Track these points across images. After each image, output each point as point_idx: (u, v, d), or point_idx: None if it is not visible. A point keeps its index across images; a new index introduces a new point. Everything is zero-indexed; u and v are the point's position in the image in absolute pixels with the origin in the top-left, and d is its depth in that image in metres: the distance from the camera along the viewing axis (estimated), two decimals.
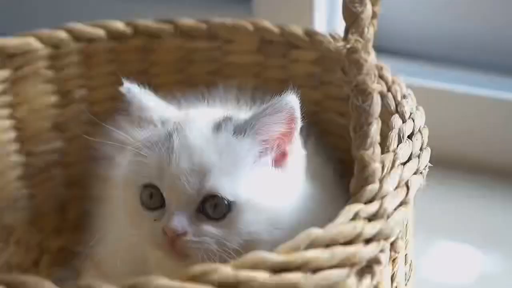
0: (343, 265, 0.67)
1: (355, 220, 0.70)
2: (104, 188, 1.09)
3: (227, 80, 1.13)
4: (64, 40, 1.13)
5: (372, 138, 0.74)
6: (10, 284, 0.62)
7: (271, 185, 0.84)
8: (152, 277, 0.62)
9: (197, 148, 0.81)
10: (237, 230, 0.81)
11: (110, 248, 1.00)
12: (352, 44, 0.73)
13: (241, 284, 0.62)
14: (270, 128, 0.83)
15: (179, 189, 0.80)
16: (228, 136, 0.83)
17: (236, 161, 0.82)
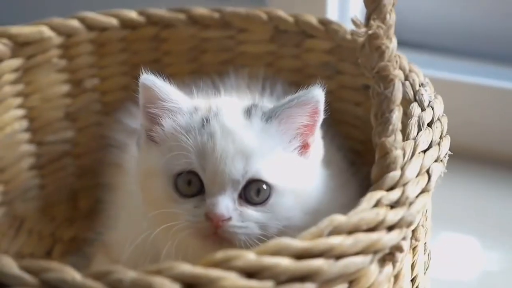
0: (366, 252, 0.66)
1: (377, 207, 0.69)
2: (115, 175, 1.09)
3: (240, 70, 1.12)
4: (77, 29, 1.13)
5: (394, 125, 0.74)
6: (31, 270, 0.61)
7: (300, 172, 0.85)
8: (176, 263, 0.61)
9: (237, 133, 0.82)
10: (278, 214, 0.82)
11: (121, 234, 0.99)
12: (374, 30, 0.73)
13: (264, 270, 0.62)
14: (295, 119, 0.85)
15: (224, 173, 0.80)
16: (258, 122, 0.84)
17: (271, 146, 0.83)
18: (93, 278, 0.60)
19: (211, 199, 0.81)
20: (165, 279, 0.60)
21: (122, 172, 1.06)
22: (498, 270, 1.13)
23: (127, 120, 1.12)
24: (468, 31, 1.43)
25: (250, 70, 1.12)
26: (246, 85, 1.08)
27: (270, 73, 1.15)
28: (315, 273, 0.63)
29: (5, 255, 0.63)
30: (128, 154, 1.05)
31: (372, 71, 0.74)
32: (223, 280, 0.60)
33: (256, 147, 0.82)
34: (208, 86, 1.06)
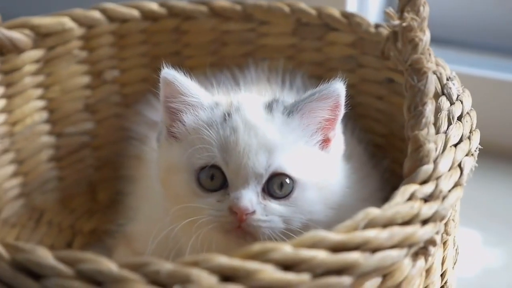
0: (401, 245, 0.66)
1: (411, 200, 0.69)
2: (136, 167, 1.09)
3: (260, 62, 1.12)
4: (98, 20, 1.12)
5: (427, 118, 0.74)
6: (66, 260, 0.61)
7: (322, 166, 0.85)
8: (213, 255, 0.61)
9: (260, 126, 0.82)
10: (301, 208, 0.82)
11: (142, 226, 0.99)
12: (408, 22, 0.72)
13: (301, 262, 0.61)
14: (316, 113, 0.85)
15: (247, 167, 0.80)
16: (280, 116, 0.84)
17: (294, 140, 0.83)
18: (130, 269, 0.60)
19: (234, 193, 0.80)
20: (202, 271, 0.60)
21: (143, 164, 1.05)
22: (501, 265, 1.12)
23: (147, 112, 1.12)
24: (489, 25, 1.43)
25: (270, 63, 1.12)
26: (266, 78, 1.08)
27: (291, 66, 1.15)
28: (351, 266, 0.62)
29: (40, 246, 0.62)
30: (148, 146, 1.04)
31: (405, 63, 0.74)
32: (260, 272, 0.60)
33: (278, 141, 0.82)
34: (228, 79, 1.06)
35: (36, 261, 0.61)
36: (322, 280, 0.61)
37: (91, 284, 0.59)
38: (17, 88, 1.10)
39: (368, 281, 0.66)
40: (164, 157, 0.88)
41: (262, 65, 1.10)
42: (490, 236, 1.17)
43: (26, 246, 0.62)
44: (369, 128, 1.12)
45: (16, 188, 1.15)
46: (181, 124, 0.86)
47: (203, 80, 1.07)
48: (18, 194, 1.16)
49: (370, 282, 0.67)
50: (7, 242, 0.63)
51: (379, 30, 1.04)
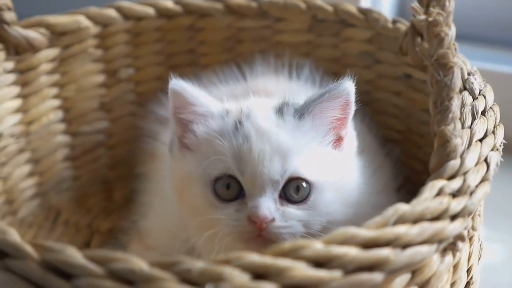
0: (431, 241, 0.65)
1: (440, 196, 0.69)
2: (148, 163, 1.08)
3: (276, 60, 1.12)
4: (113, 18, 1.12)
5: (454, 113, 0.73)
6: (97, 260, 0.61)
7: (337, 165, 0.84)
8: (244, 253, 0.61)
9: (272, 132, 0.81)
10: (319, 211, 0.81)
11: (155, 221, 0.99)
12: (433, 17, 0.72)
13: (333, 259, 0.61)
14: (327, 113, 0.84)
15: (263, 175, 0.79)
16: (291, 119, 0.83)
17: (307, 142, 0.82)
18: (161, 268, 0.60)
19: (252, 202, 0.80)
20: (234, 269, 0.59)
21: (155, 160, 1.05)
22: (503, 260, 1.12)
23: (161, 111, 1.11)
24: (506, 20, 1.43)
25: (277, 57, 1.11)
26: (272, 70, 1.08)
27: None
28: (383, 262, 0.62)
29: (69, 245, 0.62)
30: (160, 142, 1.04)
31: (431, 58, 0.73)
32: (292, 269, 0.60)
33: (292, 145, 0.81)
34: (235, 73, 1.07)
35: (66, 261, 0.60)
36: (353, 276, 0.61)
37: (122, 284, 0.59)
38: (33, 87, 1.10)
39: (398, 277, 0.66)
40: (178, 168, 0.87)
41: (268, 58, 1.10)
42: (492, 231, 1.16)
43: (56, 245, 0.62)
44: (386, 124, 1.11)
45: (32, 188, 1.15)
46: (192, 135, 0.85)
47: (211, 75, 1.07)
48: (34, 194, 1.16)
49: (400, 279, 0.66)
50: (36, 242, 0.63)
51: (397, 25, 1.04)
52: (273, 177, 0.79)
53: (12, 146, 1.10)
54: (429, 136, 1.01)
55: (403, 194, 0.98)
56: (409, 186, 1.10)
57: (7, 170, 1.10)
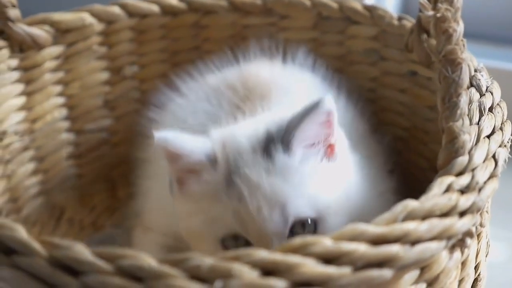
0: (440, 238, 0.65)
1: (448, 192, 0.68)
2: (146, 147, 1.07)
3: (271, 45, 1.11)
4: (118, 16, 1.12)
5: (462, 109, 0.73)
6: (105, 257, 0.60)
7: (335, 179, 0.82)
8: (254, 250, 0.60)
9: (264, 185, 0.78)
10: (330, 231, 0.76)
11: (153, 203, 1.00)
12: (442, 13, 0.71)
13: (342, 255, 0.61)
14: (311, 132, 0.80)
15: (266, 231, 0.77)
16: (280, 157, 0.79)
17: (300, 177, 0.79)
18: (170, 264, 0.59)
19: None
20: (244, 265, 0.59)
21: (151, 144, 1.04)
22: (505, 259, 1.12)
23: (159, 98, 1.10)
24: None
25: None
26: (267, 54, 1.07)
27: None
28: (392, 258, 0.62)
29: (77, 242, 0.62)
30: (157, 125, 1.03)
31: (439, 54, 0.73)
32: (302, 266, 0.60)
33: (287, 189, 0.78)
34: (229, 59, 1.06)
35: (75, 258, 0.60)
36: (363, 273, 0.61)
37: (131, 280, 0.59)
38: (37, 85, 1.10)
39: (407, 274, 0.66)
40: (181, 214, 0.85)
41: (262, 42, 1.09)
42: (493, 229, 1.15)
43: (64, 242, 0.62)
44: (391, 121, 1.11)
45: (36, 186, 1.15)
46: (189, 183, 0.82)
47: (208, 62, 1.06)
48: (38, 192, 1.15)
49: (408, 275, 0.66)
50: (44, 239, 0.62)
51: (403, 22, 1.04)
52: (277, 231, 0.77)
53: (16, 144, 1.09)
54: (435, 133, 1.02)
55: (395, 176, 0.97)
56: (415, 184, 1.10)
57: (11, 168, 1.09)
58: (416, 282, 0.68)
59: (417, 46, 0.98)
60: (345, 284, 0.60)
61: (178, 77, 1.07)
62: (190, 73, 1.07)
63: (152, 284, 0.58)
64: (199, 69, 1.06)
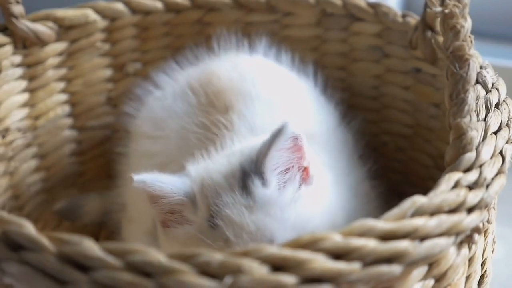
0: (449, 234, 0.65)
1: (456, 188, 0.68)
2: (125, 141, 1.07)
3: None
4: (121, 12, 1.12)
5: (469, 105, 0.73)
6: (114, 252, 0.60)
7: (316, 202, 0.81)
8: (263, 245, 0.60)
9: (249, 223, 0.77)
10: None
11: (133, 195, 1.00)
12: (450, 9, 0.71)
13: (352, 251, 0.61)
14: (282, 160, 0.79)
15: None
16: (259, 190, 0.78)
17: (282, 207, 0.78)
18: (180, 260, 0.59)
19: None
20: (253, 261, 0.59)
21: (130, 137, 1.05)
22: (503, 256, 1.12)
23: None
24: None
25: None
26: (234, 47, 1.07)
27: (315, 57, 1.14)
28: (402, 254, 0.62)
29: (86, 238, 0.62)
30: (135, 119, 1.04)
31: (447, 51, 0.73)
32: (312, 261, 0.59)
33: (271, 224, 0.77)
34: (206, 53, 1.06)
35: (84, 253, 0.60)
36: (372, 269, 0.60)
37: (141, 276, 0.59)
38: (40, 81, 1.10)
39: (415, 270, 0.66)
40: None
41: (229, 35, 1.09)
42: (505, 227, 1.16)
43: (72, 237, 0.61)
44: (395, 118, 1.11)
45: (38, 183, 1.14)
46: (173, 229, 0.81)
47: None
48: (40, 189, 1.15)
49: (417, 271, 0.66)
50: (52, 234, 0.62)
51: (407, 19, 1.04)
52: None
53: (19, 141, 1.09)
54: (439, 130, 1.02)
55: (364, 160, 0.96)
56: (418, 181, 1.11)
57: (14, 165, 1.09)
58: (424, 278, 0.67)
59: (421, 43, 0.98)
60: (354, 280, 0.60)
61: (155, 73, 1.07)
62: (164, 69, 1.07)
63: (162, 279, 0.58)
64: (172, 65, 1.06)
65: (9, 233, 0.62)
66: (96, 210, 1.13)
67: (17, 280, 0.62)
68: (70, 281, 0.60)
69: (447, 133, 0.99)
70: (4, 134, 1.06)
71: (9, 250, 0.62)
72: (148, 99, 1.03)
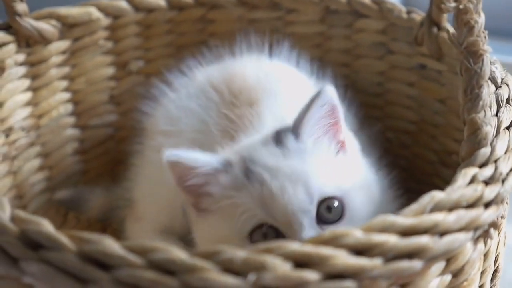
0: (468, 229, 0.65)
1: (473, 183, 0.69)
2: (140, 139, 1.07)
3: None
4: (124, 10, 1.11)
5: (484, 100, 0.73)
6: (136, 250, 0.60)
7: (350, 169, 0.83)
8: (285, 242, 0.60)
9: (283, 166, 0.79)
10: (358, 219, 0.79)
11: (143, 193, 1.01)
12: (464, 4, 0.71)
13: (373, 247, 0.61)
14: (319, 123, 0.81)
15: (294, 210, 0.76)
16: (293, 145, 0.81)
17: (317, 159, 0.80)
18: (203, 257, 0.59)
19: (296, 240, 0.74)
20: (276, 257, 0.59)
21: (145, 135, 1.06)
22: None
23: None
24: None
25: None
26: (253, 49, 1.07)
27: (319, 54, 1.14)
28: (422, 250, 0.62)
29: (105, 236, 0.61)
30: (151, 118, 1.05)
31: (461, 46, 0.73)
32: (334, 258, 0.59)
33: (306, 168, 0.79)
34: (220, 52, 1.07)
35: (105, 252, 0.60)
36: (394, 264, 0.61)
37: (164, 274, 0.58)
38: (43, 80, 1.09)
39: (434, 265, 0.66)
40: (204, 235, 0.84)
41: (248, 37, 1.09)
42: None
43: (92, 236, 0.61)
44: (399, 115, 1.11)
45: (42, 183, 1.14)
46: (208, 197, 0.82)
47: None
48: (44, 189, 1.14)
49: (435, 267, 0.66)
50: (72, 233, 0.62)
51: (411, 16, 1.04)
52: (304, 208, 0.77)
53: (22, 140, 1.09)
54: (445, 126, 1.02)
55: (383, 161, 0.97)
56: (423, 177, 1.11)
57: (18, 164, 1.09)
58: (442, 273, 0.68)
59: (427, 39, 0.98)
60: (376, 275, 0.60)
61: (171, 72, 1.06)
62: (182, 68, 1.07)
63: (185, 277, 0.58)
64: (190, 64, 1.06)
65: (28, 232, 0.62)
66: (101, 205, 1.12)
67: (37, 279, 0.61)
68: (91, 280, 0.59)
69: (452, 129, 1.00)
70: (8, 133, 1.06)
71: (29, 249, 0.61)
72: (163, 100, 1.03)
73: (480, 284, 0.76)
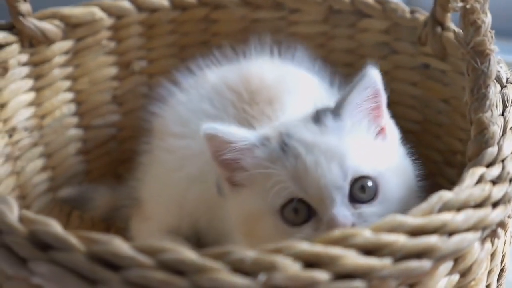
0: (476, 228, 0.66)
1: (481, 183, 0.69)
2: (148, 139, 1.07)
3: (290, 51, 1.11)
4: (127, 10, 1.11)
5: (491, 100, 0.73)
6: (145, 251, 0.60)
7: (388, 153, 0.83)
8: (294, 242, 0.60)
9: (320, 141, 0.79)
10: (392, 201, 0.79)
11: (150, 193, 1.01)
12: (471, 4, 0.71)
13: (383, 247, 0.61)
14: (361, 106, 0.82)
15: (327, 185, 0.77)
16: (331, 123, 0.81)
17: (354, 140, 0.80)
18: (213, 257, 0.59)
19: (327, 215, 0.77)
20: (286, 258, 0.59)
21: (153, 135, 1.06)
22: None
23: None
24: None
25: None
26: (268, 51, 1.07)
27: (322, 54, 1.14)
28: (431, 249, 0.62)
29: (115, 237, 0.61)
30: (158, 118, 1.05)
31: (467, 46, 0.73)
32: (344, 258, 0.59)
33: (342, 147, 0.79)
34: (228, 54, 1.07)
35: (114, 252, 0.59)
36: (403, 264, 0.61)
37: (174, 274, 0.58)
38: (46, 80, 1.09)
39: (442, 265, 0.66)
40: (237, 208, 0.84)
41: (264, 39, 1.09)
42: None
43: (102, 236, 0.61)
44: (403, 114, 1.11)
45: (45, 183, 1.14)
46: (242, 171, 0.82)
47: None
48: (47, 189, 1.14)
49: (443, 266, 0.66)
50: (82, 234, 0.61)
51: (415, 15, 1.04)
52: (337, 184, 0.77)
53: (26, 140, 1.09)
54: (448, 126, 1.02)
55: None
56: (427, 177, 1.11)
57: (21, 164, 1.08)
58: (450, 273, 0.68)
59: (431, 39, 0.98)
60: (386, 275, 0.60)
61: (180, 72, 1.07)
62: (191, 68, 1.07)
63: (195, 278, 0.58)
64: (200, 64, 1.06)
65: (37, 232, 0.62)
66: (106, 204, 1.12)
67: (46, 280, 0.61)
68: (101, 281, 0.59)
69: (456, 129, 1.00)
70: (11, 134, 1.06)
71: (37, 249, 0.61)
72: (172, 100, 1.03)
73: (487, 284, 0.76)
